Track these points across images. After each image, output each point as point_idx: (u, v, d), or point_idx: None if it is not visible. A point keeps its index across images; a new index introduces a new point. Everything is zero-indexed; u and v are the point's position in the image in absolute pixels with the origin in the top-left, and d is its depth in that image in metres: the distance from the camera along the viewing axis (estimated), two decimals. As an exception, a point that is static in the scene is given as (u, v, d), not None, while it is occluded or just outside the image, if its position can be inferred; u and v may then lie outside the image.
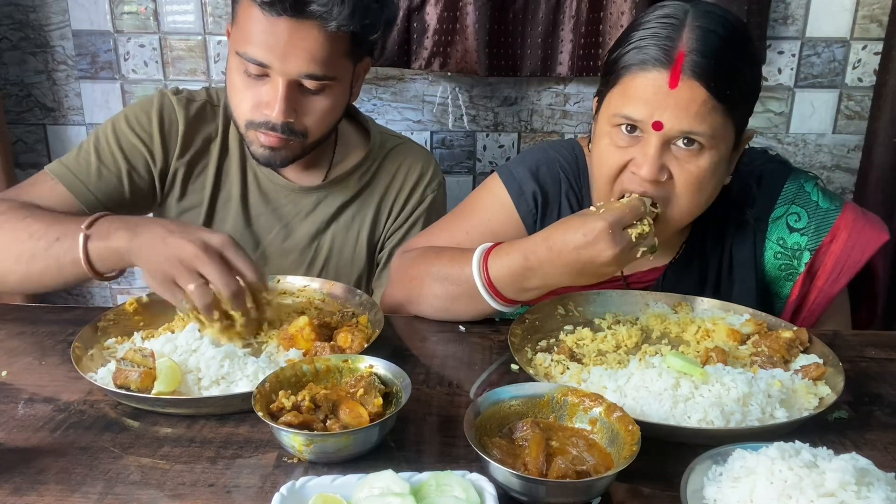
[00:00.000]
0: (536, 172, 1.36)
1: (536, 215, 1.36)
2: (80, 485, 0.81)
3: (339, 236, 1.52)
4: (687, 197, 1.16)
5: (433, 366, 1.10)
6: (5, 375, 1.04)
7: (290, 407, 0.86)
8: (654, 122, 1.11)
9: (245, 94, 1.32)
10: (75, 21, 2.01)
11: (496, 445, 0.83)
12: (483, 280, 1.17)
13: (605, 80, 1.20)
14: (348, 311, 1.22)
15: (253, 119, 1.32)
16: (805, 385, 0.99)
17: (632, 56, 1.13)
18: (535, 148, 1.44)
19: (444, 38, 1.94)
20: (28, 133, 2.10)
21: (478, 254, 1.18)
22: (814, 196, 1.29)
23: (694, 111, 1.10)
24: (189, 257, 1.03)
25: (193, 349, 1.00)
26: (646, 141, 1.13)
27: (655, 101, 1.11)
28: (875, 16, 2.00)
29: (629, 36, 1.15)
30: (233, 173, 1.49)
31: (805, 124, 2.12)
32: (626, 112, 1.13)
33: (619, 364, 1.07)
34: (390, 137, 1.59)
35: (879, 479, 0.73)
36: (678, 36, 1.10)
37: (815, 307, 1.28)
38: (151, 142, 1.43)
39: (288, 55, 1.25)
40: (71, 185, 1.36)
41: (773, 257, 1.30)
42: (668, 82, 1.10)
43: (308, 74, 1.27)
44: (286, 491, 0.73)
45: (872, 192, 2.03)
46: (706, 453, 0.81)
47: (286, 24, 1.23)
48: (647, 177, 1.13)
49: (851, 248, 1.25)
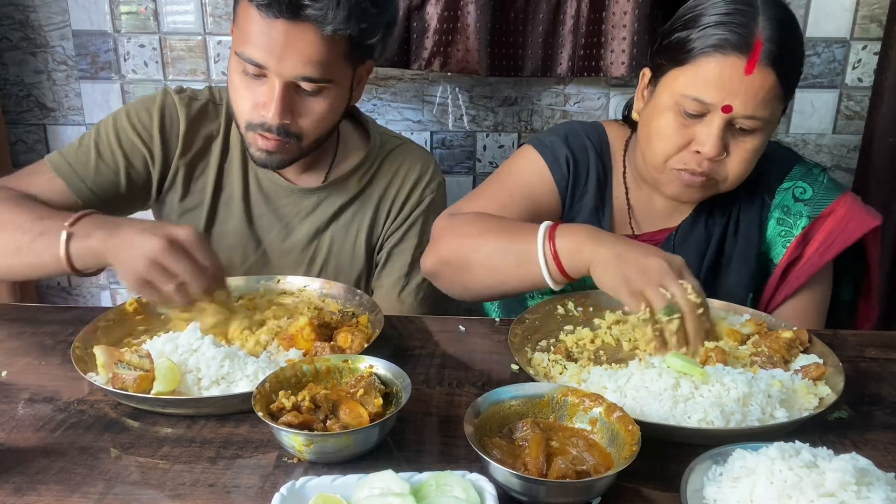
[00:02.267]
0: (567, 140, 1.43)
1: (568, 180, 1.41)
2: (80, 485, 0.81)
3: (339, 236, 1.52)
4: (738, 171, 1.25)
5: (433, 366, 1.10)
6: (5, 375, 1.04)
7: (290, 407, 0.86)
8: (725, 106, 1.17)
9: (244, 94, 1.32)
10: (75, 21, 2.01)
11: (496, 445, 0.83)
12: (549, 252, 1.14)
13: (668, 56, 1.24)
14: (348, 311, 1.22)
15: (251, 120, 1.32)
16: (805, 385, 0.99)
17: (707, 39, 1.18)
18: (561, 124, 1.52)
19: (445, 38, 1.94)
20: (28, 133, 2.10)
21: (543, 227, 1.17)
22: (821, 178, 1.38)
23: (762, 97, 1.17)
24: (156, 254, 1.06)
25: (194, 349, 1.00)
26: (710, 120, 1.20)
27: (730, 86, 1.17)
28: (875, 16, 2.00)
29: (699, 18, 1.20)
30: (234, 173, 1.49)
31: (805, 124, 2.11)
32: (699, 95, 1.18)
33: (619, 364, 1.07)
34: (390, 138, 1.59)
35: (879, 479, 0.73)
36: (754, 23, 1.16)
37: (800, 273, 1.34)
38: (151, 140, 1.43)
39: (284, 57, 1.25)
40: (68, 178, 1.36)
41: (776, 223, 1.37)
42: (745, 68, 1.15)
43: (304, 77, 1.27)
44: (286, 491, 0.73)
45: (869, 191, 2.02)
46: (706, 453, 0.81)
47: (283, 26, 1.23)
48: (711, 154, 1.20)
49: (846, 224, 1.32)
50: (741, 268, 1.37)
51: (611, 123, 1.48)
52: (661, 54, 1.27)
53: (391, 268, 1.52)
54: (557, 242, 1.14)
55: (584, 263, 1.12)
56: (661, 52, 1.28)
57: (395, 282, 1.50)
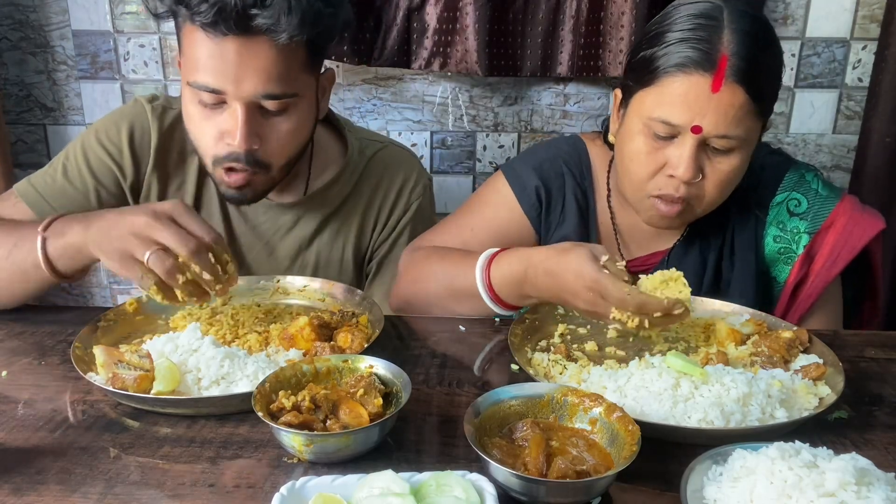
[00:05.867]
0: (539, 168, 1.37)
1: (540, 209, 1.37)
2: (80, 485, 0.81)
3: (325, 252, 1.46)
4: (716, 193, 1.19)
5: (433, 366, 1.10)
6: (5, 375, 1.04)
7: (290, 407, 0.86)
8: (694, 126, 1.11)
9: (204, 127, 1.21)
10: (75, 21, 2.01)
11: (496, 445, 0.83)
12: (485, 284, 1.18)
13: (635, 76, 1.19)
14: (348, 312, 1.22)
15: (217, 154, 1.22)
16: (805, 385, 0.99)
17: (670, 57, 1.12)
18: (538, 145, 1.45)
19: (444, 38, 1.94)
20: (28, 133, 2.10)
21: (482, 259, 1.19)
22: (814, 185, 1.31)
23: (732, 115, 1.10)
24: (141, 228, 1.01)
25: (194, 349, 1.00)
26: (681, 143, 1.14)
27: (697, 106, 1.11)
28: (875, 16, 2.00)
29: (662, 35, 1.14)
30: (212, 189, 1.42)
31: (805, 124, 2.12)
32: (666, 117, 1.13)
33: (619, 364, 1.07)
34: (370, 143, 1.50)
35: (879, 479, 0.73)
36: (718, 38, 1.10)
37: (811, 290, 1.29)
38: (121, 156, 1.36)
39: (241, 77, 1.14)
40: (33, 203, 1.32)
41: (773, 241, 1.31)
42: (711, 86, 1.09)
43: (266, 94, 1.17)
44: (286, 491, 0.73)
45: (866, 191, 2.02)
46: (706, 453, 0.81)
47: (234, 44, 1.13)
48: (685, 178, 1.14)
49: (849, 234, 1.27)
50: (742, 293, 1.31)
51: (594, 141, 1.41)
52: (628, 74, 1.22)
53: (382, 279, 1.48)
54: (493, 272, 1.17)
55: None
56: (628, 71, 1.22)
57: (386, 293, 1.44)
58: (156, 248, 1.00)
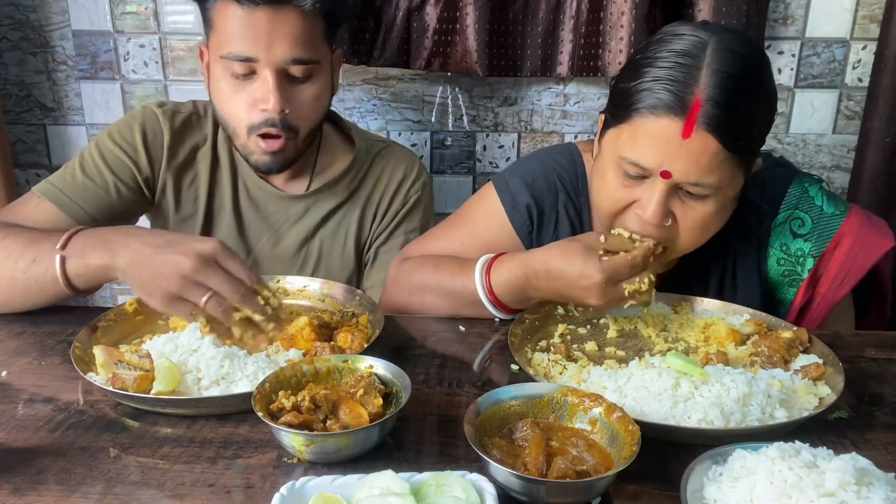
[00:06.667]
0: (532, 184, 1.34)
1: (532, 227, 1.34)
2: (80, 485, 0.81)
3: (328, 241, 1.54)
4: (690, 238, 1.14)
5: (433, 366, 1.10)
6: (5, 375, 1.04)
7: (290, 407, 0.86)
8: (663, 171, 1.07)
9: (237, 99, 1.32)
10: (75, 21, 2.01)
11: (496, 445, 0.83)
12: (486, 291, 1.19)
13: (614, 109, 1.14)
14: (348, 311, 1.22)
15: (252, 121, 1.32)
16: (805, 385, 0.99)
17: (644, 96, 1.07)
18: (532, 156, 1.41)
19: (444, 39, 1.94)
20: (28, 133, 2.10)
21: (480, 266, 1.20)
22: (818, 201, 1.26)
23: (704, 163, 1.05)
24: (189, 272, 1.03)
25: (194, 349, 1.00)
26: (652, 185, 1.10)
27: (667, 151, 1.06)
28: (875, 16, 2.00)
29: (642, 70, 1.09)
30: (224, 182, 1.50)
31: (805, 124, 2.11)
32: (635, 158, 1.09)
33: (619, 364, 1.07)
34: (375, 143, 1.61)
35: (879, 479, 0.73)
36: (694, 81, 1.04)
37: (818, 313, 1.27)
38: (136, 153, 1.44)
39: (272, 43, 1.27)
40: (56, 199, 1.35)
41: (777, 263, 1.28)
42: (681, 132, 1.04)
43: (294, 59, 1.29)
44: (286, 491, 0.73)
45: (865, 192, 2.03)
46: (706, 453, 0.81)
47: (264, 14, 1.26)
48: (652, 221, 1.10)
49: (856, 254, 1.22)
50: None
51: (591, 151, 1.34)
52: (608, 103, 1.18)
53: (379, 267, 1.54)
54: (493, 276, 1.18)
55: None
56: (609, 100, 1.18)
57: (384, 281, 1.49)
58: (210, 292, 1.03)
